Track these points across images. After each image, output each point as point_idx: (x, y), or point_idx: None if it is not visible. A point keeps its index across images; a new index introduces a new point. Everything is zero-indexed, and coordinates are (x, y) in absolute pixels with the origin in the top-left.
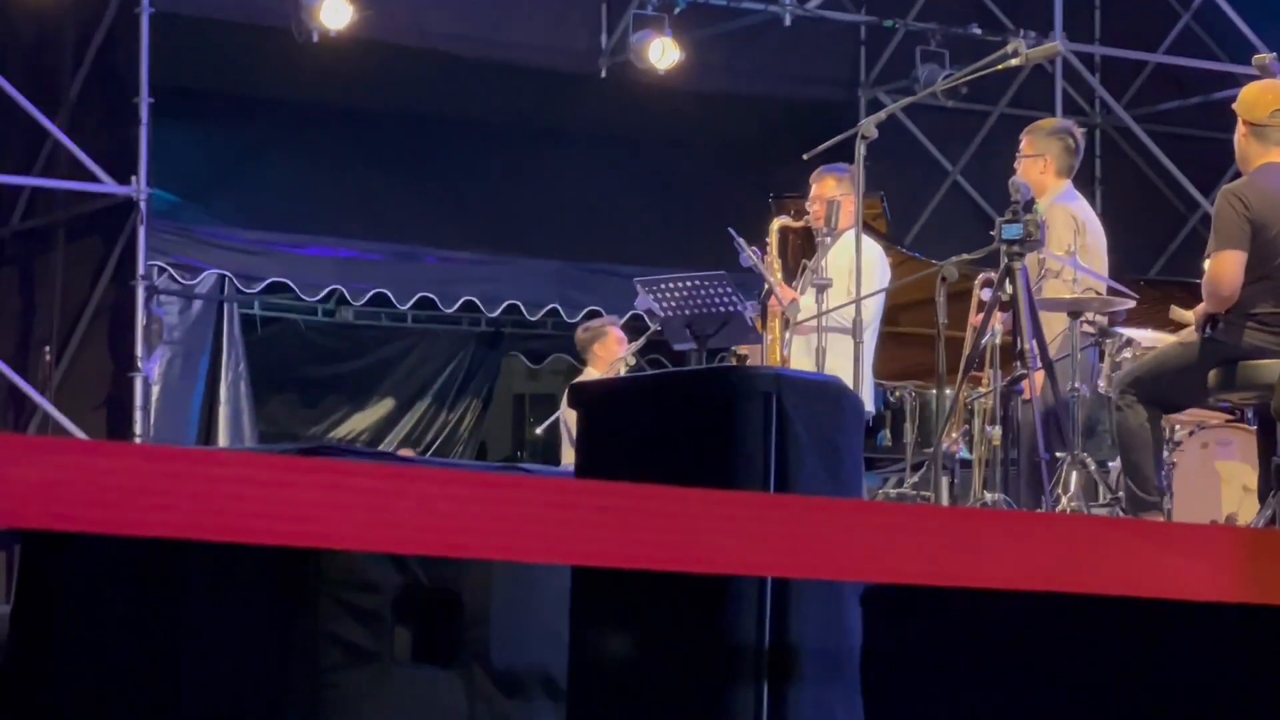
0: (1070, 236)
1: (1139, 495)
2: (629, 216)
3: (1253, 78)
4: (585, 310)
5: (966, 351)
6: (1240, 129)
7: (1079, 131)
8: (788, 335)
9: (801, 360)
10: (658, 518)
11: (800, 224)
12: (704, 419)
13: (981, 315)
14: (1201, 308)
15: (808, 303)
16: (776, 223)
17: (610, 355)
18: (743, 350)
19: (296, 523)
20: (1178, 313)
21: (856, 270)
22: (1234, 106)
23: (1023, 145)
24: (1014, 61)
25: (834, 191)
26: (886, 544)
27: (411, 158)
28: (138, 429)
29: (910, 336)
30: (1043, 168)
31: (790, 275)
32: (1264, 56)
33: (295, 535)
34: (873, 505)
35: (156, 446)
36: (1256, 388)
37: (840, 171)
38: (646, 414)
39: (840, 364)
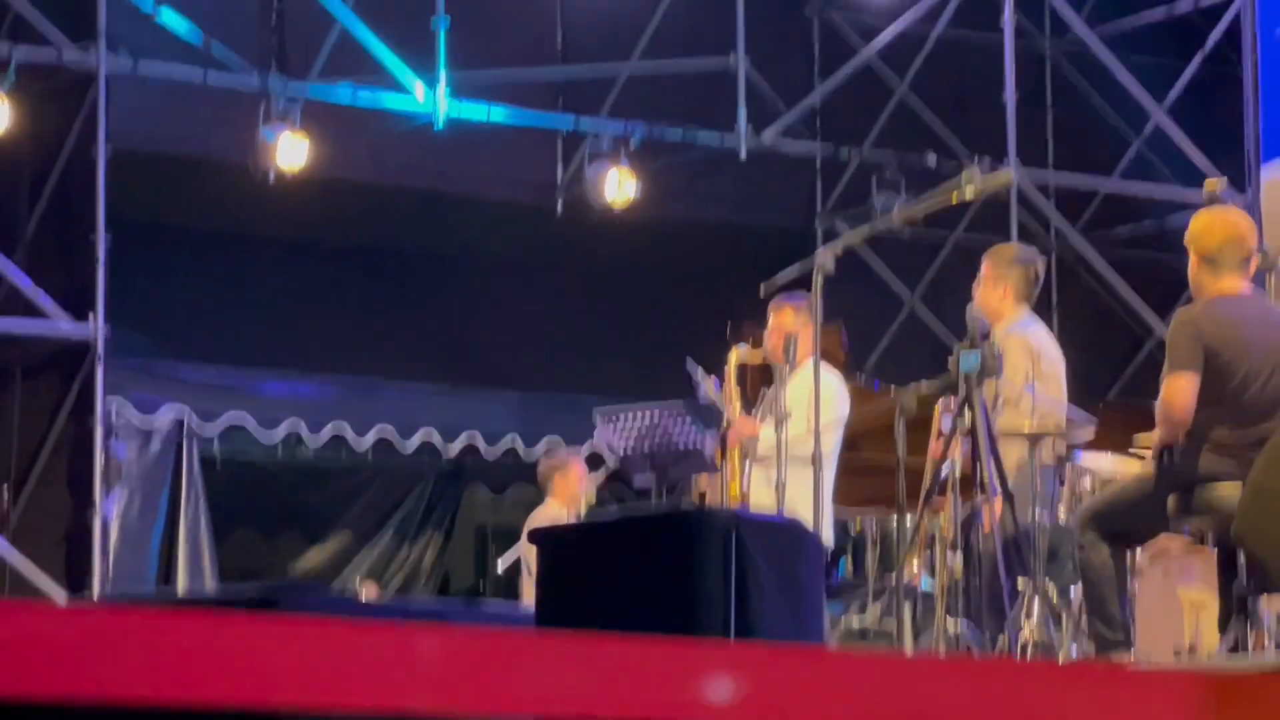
0: (1027, 364)
1: (1105, 635)
2: (588, 347)
3: (1203, 203)
4: (545, 440)
5: (926, 481)
6: (1192, 260)
7: (1043, 263)
8: (747, 467)
9: (761, 492)
10: (617, 669)
11: (759, 355)
12: (665, 561)
13: (941, 443)
14: (1156, 435)
15: (767, 434)
16: (735, 353)
17: (571, 488)
18: (702, 482)
19: (243, 685)
20: (1143, 440)
21: (815, 401)
22: (1185, 241)
23: (984, 268)
24: (969, 191)
25: (792, 321)
26: (844, 695)
27: (368, 291)
28: (96, 570)
29: (870, 465)
30: (1003, 293)
31: (749, 406)
32: (1214, 182)
33: (244, 695)
34: (828, 655)
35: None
36: (1215, 513)
37: (799, 300)
38: (607, 555)
39: (800, 496)
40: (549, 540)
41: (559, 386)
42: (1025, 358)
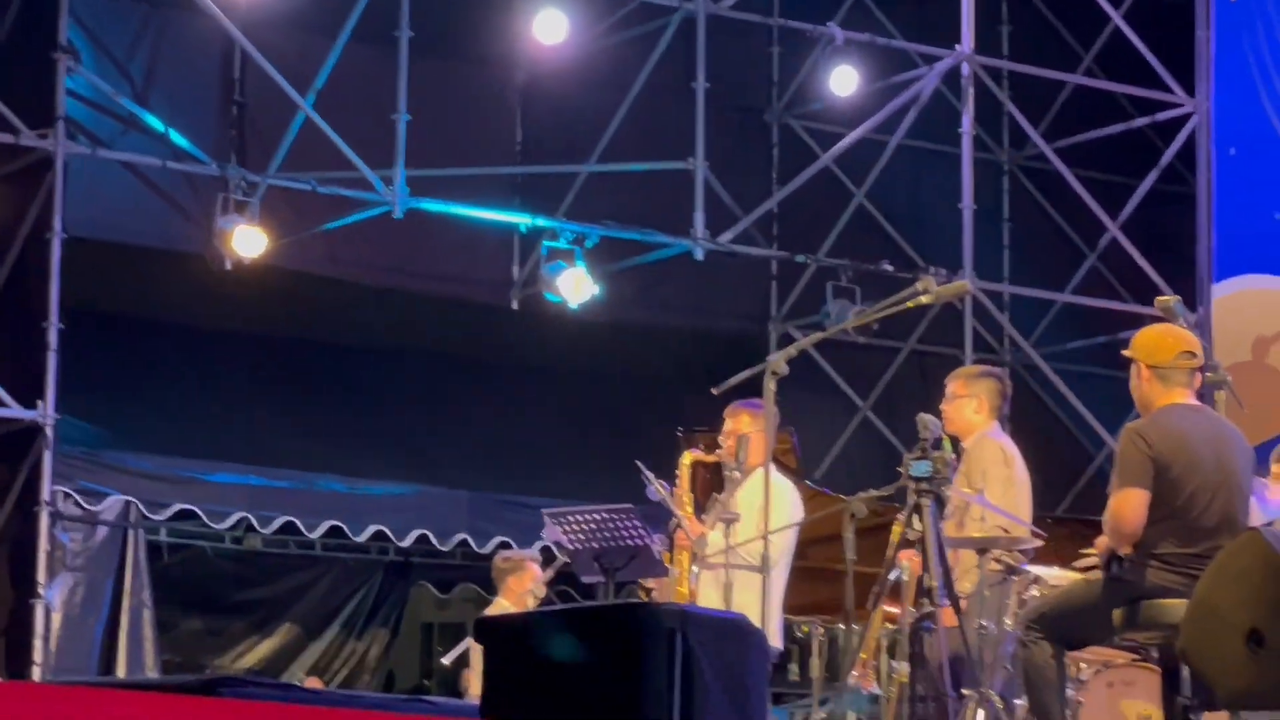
0: (1001, 470)
1: None
2: (540, 447)
3: (1156, 319)
4: (495, 541)
5: (876, 587)
6: (1142, 372)
7: (1007, 380)
8: (695, 569)
9: (709, 595)
10: None
11: (711, 458)
12: (610, 655)
13: (892, 552)
14: (1104, 542)
15: (716, 538)
16: (688, 456)
17: (524, 589)
18: (650, 583)
19: None
20: (1082, 559)
21: (765, 506)
22: (1129, 352)
23: (952, 389)
24: (924, 299)
25: (748, 426)
26: None
27: (322, 385)
28: (37, 658)
29: (819, 571)
30: (976, 407)
31: (699, 509)
32: (1167, 299)
33: None
34: None
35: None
36: (1161, 627)
37: (754, 407)
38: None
39: (748, 599)
40: (495, 631)
41: (510, 487)
42: (997, 463)
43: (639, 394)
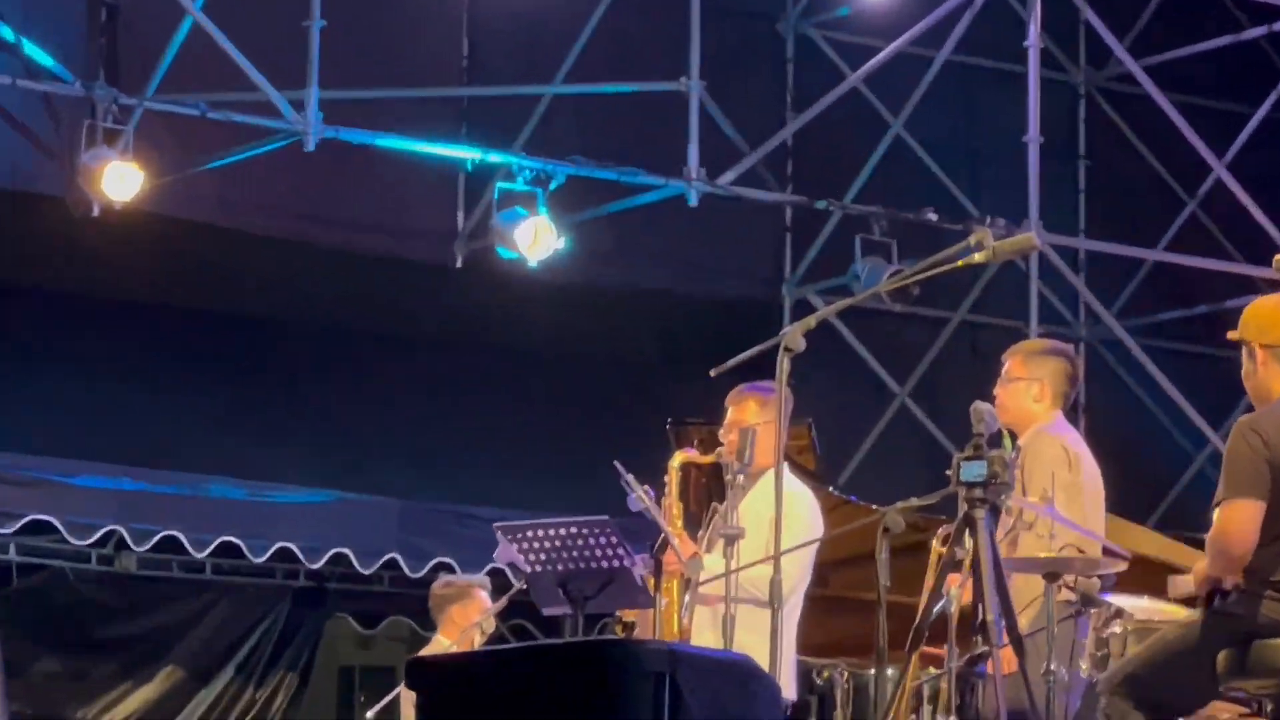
0: (1063, 473)
1: None
2: (490, 444)
3: (1275, 285)
4: (433, 562)
5: (917, 622)
6: (1256, 354)
7: (1079, 360)
8: (688, 599)
9: (705, 633)
10: None
11: (708, 459)
12: (579, 704)
13: (935, 577)
14: (1203, 569)
15: (715, 560)
16: (678, 457)
17: (469, 623)
18: (629, 616)
19: None
20: (1178, 585)
21: (777, 519)
22: (1236, 334)
23: (1009, 368)
24: (978, 257)
25: (756, 417)
26: None
27: (214, 365)
28: None
29: (844, 602)
30: (1038, 394)
31: (694, 524)
32: None
33: None
34: None
35: None
36: (1276, 673)
37: (764, 393)
38: (505, 697)
39: (754, 638)
40: (432, 676)
41: (452, 495)
42: (1059, 464)
43: (617, 377)
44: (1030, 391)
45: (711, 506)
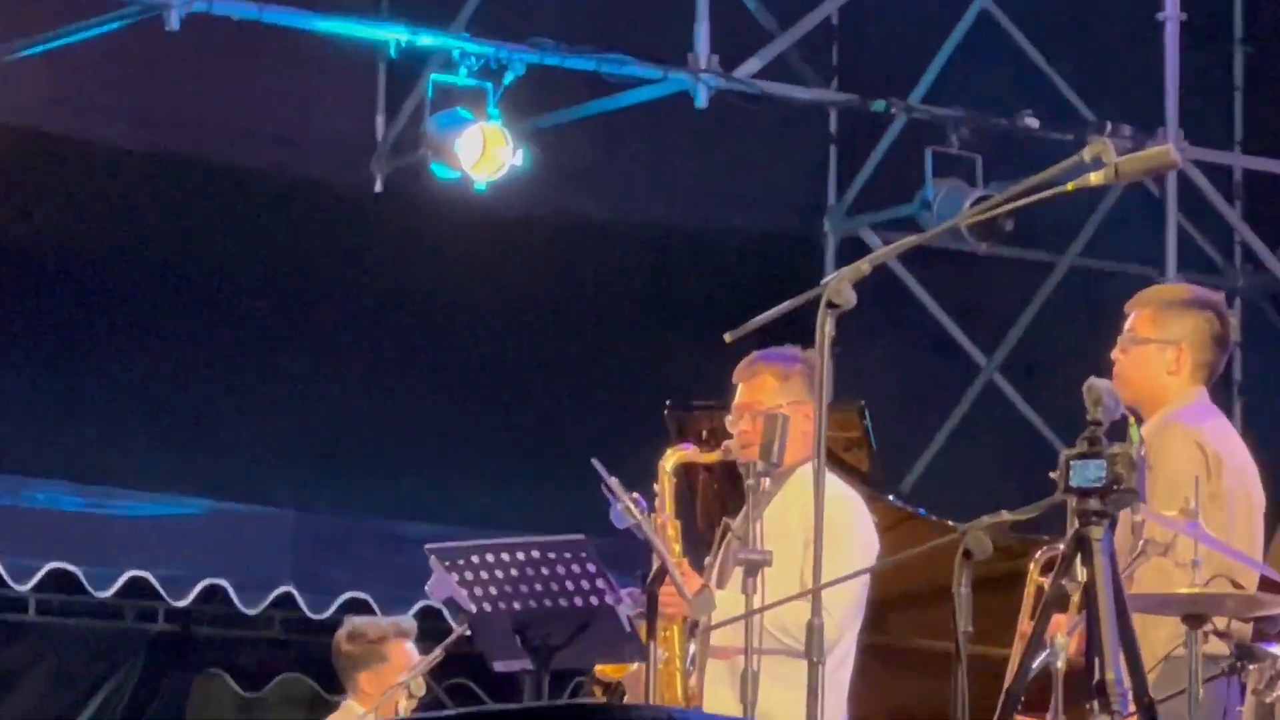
0: (1200, 477)
1: None
2: (421, 436)
3: None
4: (340, 599)
5: (1009, 683)
6: None
7: (1232, 317)
8: (694, 650)
9: (719, 693)
10: None
11: (711, 456)
12: None
13: (1034, 621)
14: None
15: (730, 596)
16: (671, 456)
17: (390, 683)
18: (612, 674)
19: None
20: None
21: (816, 537)
22: None
23: (1133, 324)
24: (1095, 177)
25: (777, 398)
26: None
27: (30, 325)
28: None
29: (908, 654)
30: (1173, 362)
31: (700, 545)
32: None
33: None
34: None
35: None
36: None
37: (787, 363)
38: None
39: (786, 698)
40: None
41: (369, 506)
42: (1196, 465)
43: (595, 344)
44: (1162, 359)
45: (724, 522)
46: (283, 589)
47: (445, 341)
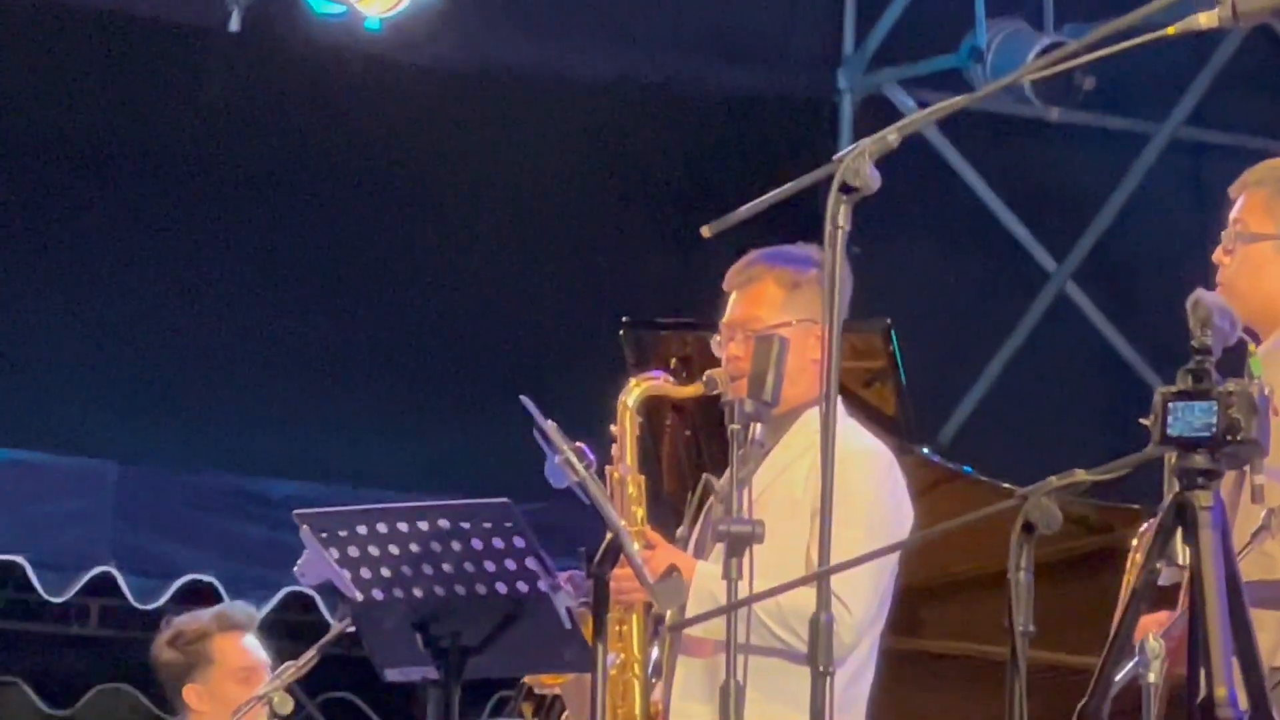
0: None
1: None
2: (293, 365)
3: None
4: (179, 582)
5: (1086, 699)
6: None
7: None
8: (654, 652)
9: (692, 709)
10: None
11: (689, 390)
12: None
13: (1120, 616)
14: None
15: (707, 579)
16: (640, 386)
17: (229, 694)
18: (548, 686)
19: None
20: None
21: (824, 505)
22: None
23: (1241, 210)
24: (1203, 19)
25: (781, 313)
26: None
27: None
28: None
29: (949, 663)
30: None
31: (671, 514)
32: None
33: None
34: None
35: None
36: None
37: (799, 266)
38: None
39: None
40: None
41: (220, 458)
42: None
43: (524, 237)
44: None
45: (704, 480)
46: (100, 569)
47: (319, 235)
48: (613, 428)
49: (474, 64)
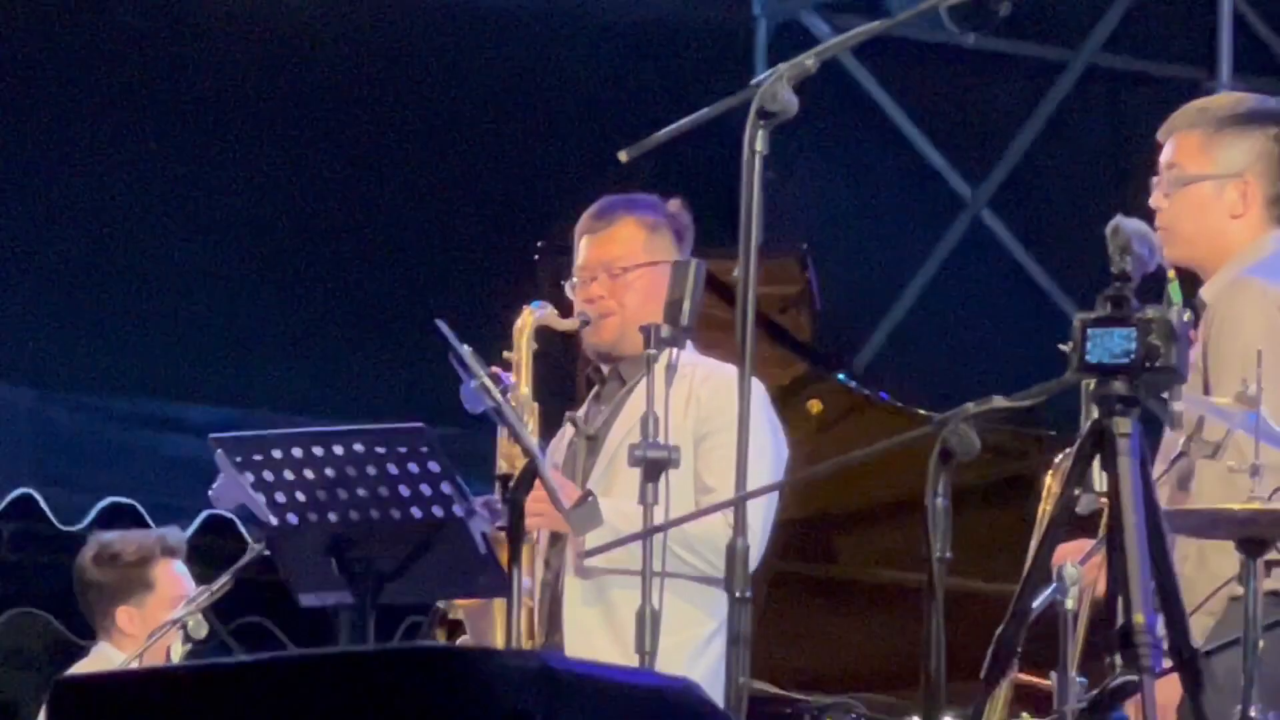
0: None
1: None
2: (196, 279)
3: None
4: (99, 506)
5: (1002, 627)
6: None
7: None
8: (566, 578)
9: (595, 634)
10: None
11: (568, 324)
12: None
13: (1038, 544)
14: None
15: (614, 507)
16: (529, 316)
17: (160, 619)
18: (462, 608)
19: None
20: None
21: (741, 431)
22: None
23: (1174, 153)
24: None
25: (641, 254)
26: None
27: None
28: None
29: (864, 591)
30: (1236, 202)
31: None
32: None
33: None
34: None
35: None
36: None
37: (655, 213)
38: None
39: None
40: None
41: (137, 383)
42: (1271, 336)
43: (435, 162)
44: (1221, 199)
45: (566, 417)
46: (19, 492)
47: (241, 157)
48: (507, 354)
49: None
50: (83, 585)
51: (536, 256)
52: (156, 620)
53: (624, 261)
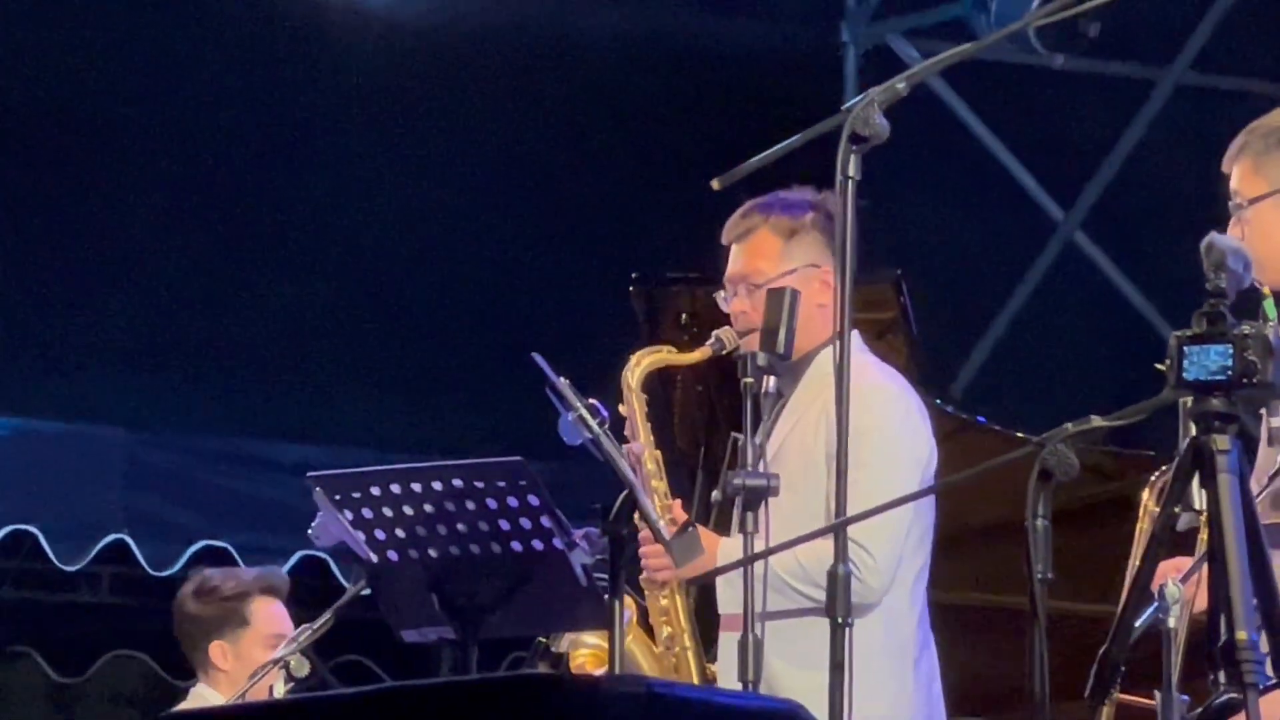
0: None
1: None
2: (289, 323)
3: None
4: (192, 549)
5: (1108, 644)
6: None
7: None
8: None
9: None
10: None
11: (699, 355)
12: None
13: (1139, 563)
14: None
15: (728, 541)
16: (642, 362)
17: (254, 657)
18: (569, 645)
19: None
20: None
21: (840, 447)
22: None
23: (1235, 180)
24: None
25: (780, 263)
26: None
27: None
28: None
29: (965, 614)
30: None
31: (684, 478)
32: None
33: None
34: None
35: None
36: None
37: (798, 213)
38: None
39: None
40: None
41: (227, 421)
42: None
43: (530, 199)
44: None
45: (732, 440)
46: (112, 537)
47: (329, 199)
48: (620, 408)
49: (474, 23)
50: (180, 619)
51: (631, 289)
52: (250, 657)
53: (761, 277)
